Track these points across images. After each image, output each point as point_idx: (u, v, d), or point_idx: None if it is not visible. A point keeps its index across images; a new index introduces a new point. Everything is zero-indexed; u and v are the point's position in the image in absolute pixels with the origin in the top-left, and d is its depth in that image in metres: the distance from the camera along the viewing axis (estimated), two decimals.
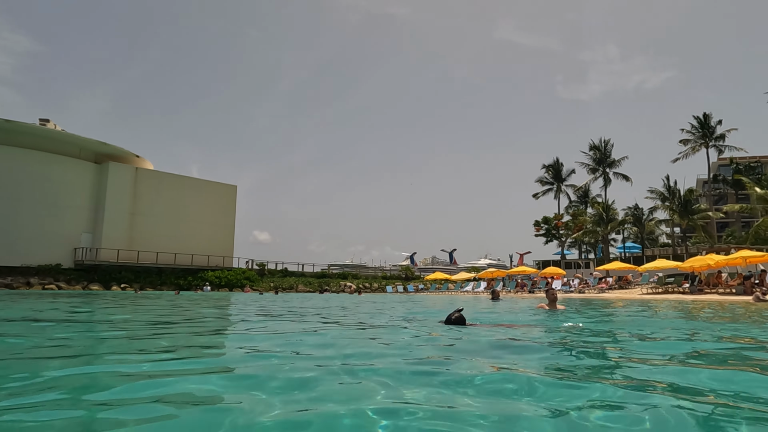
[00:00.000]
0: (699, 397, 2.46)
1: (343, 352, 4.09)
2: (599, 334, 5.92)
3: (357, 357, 3.82)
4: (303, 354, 4.01)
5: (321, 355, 3.94)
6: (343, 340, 5.21)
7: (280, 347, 4.45)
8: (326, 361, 3.55)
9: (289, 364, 3.50)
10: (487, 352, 4.22)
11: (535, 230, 54.22)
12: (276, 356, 3.87)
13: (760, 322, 8.75)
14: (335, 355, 3.88)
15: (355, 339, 5.42)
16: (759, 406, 2.30)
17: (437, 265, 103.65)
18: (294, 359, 3.75)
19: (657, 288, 30.28)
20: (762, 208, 38.33)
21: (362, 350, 4.32)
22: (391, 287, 47.58)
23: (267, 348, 4.46)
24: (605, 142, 53.73)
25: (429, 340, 5.22)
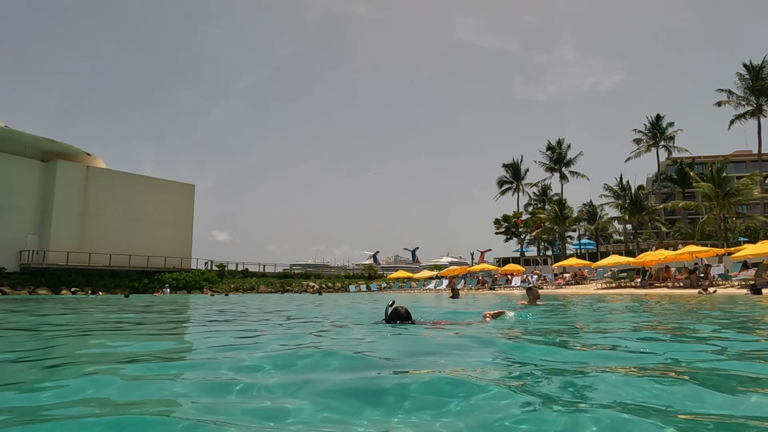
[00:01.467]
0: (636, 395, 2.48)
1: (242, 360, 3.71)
2: (543, 330, 6.02)
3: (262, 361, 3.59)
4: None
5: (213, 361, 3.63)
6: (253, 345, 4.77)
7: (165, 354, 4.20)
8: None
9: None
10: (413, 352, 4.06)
11: (495, 228, 55.29)
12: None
13: (699, 313, 9.17)
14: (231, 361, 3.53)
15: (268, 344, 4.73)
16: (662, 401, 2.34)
17: (400, 264, 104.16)
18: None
19: (611, 283, 31.42)
20: (706, 204, 40.38)
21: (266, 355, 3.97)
22: (354, 286, 47.47)
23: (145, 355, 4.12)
24: (560, 142, 55.34)
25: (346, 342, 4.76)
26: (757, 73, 42.67)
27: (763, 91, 42.35)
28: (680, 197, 58.01)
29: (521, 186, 58.67)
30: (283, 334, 6.00)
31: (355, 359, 3.52)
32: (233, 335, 5.81)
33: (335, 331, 5.81)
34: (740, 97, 43.54)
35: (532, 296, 10.99)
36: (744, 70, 43.59)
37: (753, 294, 18.42)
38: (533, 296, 10.99)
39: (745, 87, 43.49)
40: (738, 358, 3.62)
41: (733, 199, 37.06)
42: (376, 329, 5.68)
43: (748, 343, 4.81)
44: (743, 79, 43.57)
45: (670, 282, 27.52)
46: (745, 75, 43.38)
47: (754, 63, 43.17)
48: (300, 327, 6.85)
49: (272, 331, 6.24)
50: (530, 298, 11.00)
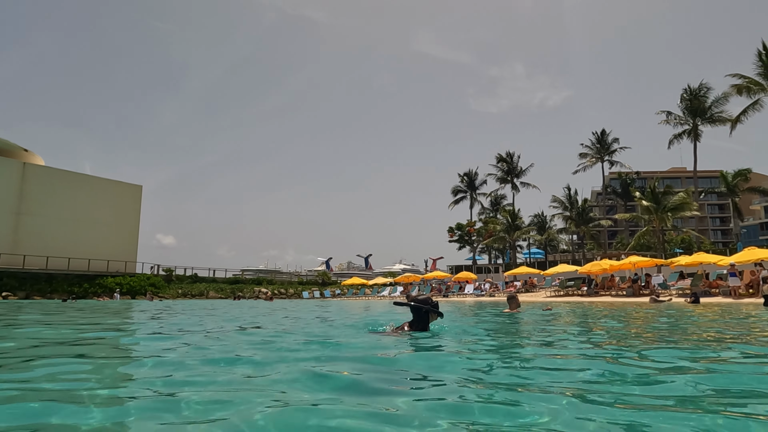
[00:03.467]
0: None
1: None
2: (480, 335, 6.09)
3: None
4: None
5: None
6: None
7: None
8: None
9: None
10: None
11: (449, 236, 56.13)
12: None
13: (646, 320, 9.61)
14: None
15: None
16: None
17: (353, 270, 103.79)
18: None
19: (559, 291, 32.49)
20: (646, 217, 42.62)
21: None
22: (307, 293, 46.86)
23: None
24: (512, 154, 57.06)
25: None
26: (695, 96, 45.57)
27: (699, 113, 45.27)
28: (623, 210, 60.96)
29: (475, 195, 59.96)
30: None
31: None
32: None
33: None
34: (679, 117, 46.35)
35: (514, 304, 11.31)
36: (683, 92, 46.49)
37: (692, 303, 19.51)
38: (515, 304, 11.31)
39: (683, 108, 46.34)
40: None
41: (671, 213, 39.29)
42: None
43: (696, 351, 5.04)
44: (683, 100, 46.43)
45: (614, 290, 28.78)
46: (685, 96, 46.24)
47: (692, 86, 46.11)
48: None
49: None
50: (512, 306, 11.31)
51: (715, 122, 44.68)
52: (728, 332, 6.96)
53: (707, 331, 7.10)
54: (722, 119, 43.80)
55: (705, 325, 8.30)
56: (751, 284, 21.76)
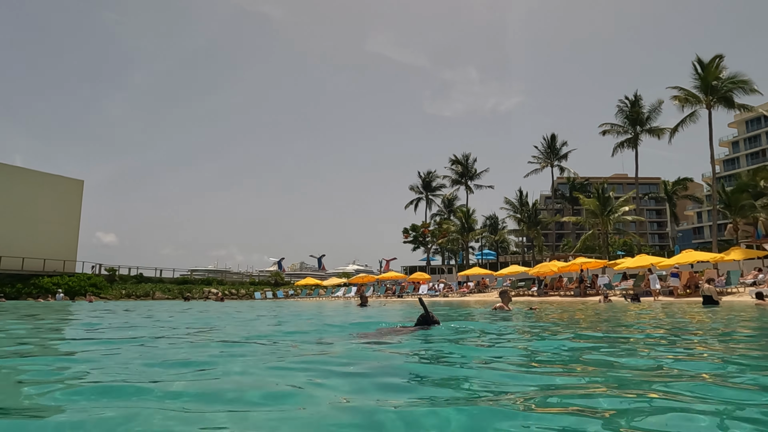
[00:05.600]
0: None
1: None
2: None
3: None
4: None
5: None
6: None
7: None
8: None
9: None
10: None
11: (403, 237, 56.51)
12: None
13: (598, 319, 9.97)
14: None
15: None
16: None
17: (306, 271, 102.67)
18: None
19: (510, 291, 33.31)
20: (591, 221, 44.48)
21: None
22: (259, 293, 45.88)
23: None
24: (467, 157, 58.13)
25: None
26: (633, 105, 47.98)
27: (638, 122, 47.71)
28: (570, 213, 63.34)
29: (430, 197, 60.65)
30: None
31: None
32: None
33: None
34: (621, 126, 48.63)
35: (506, 299, 11.43)
36: (623, 102, 48.79)
37: (632, 302, 20.47)
38: (507, 299, 11.46)
39: (624, 117, 48.67)
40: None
41: (614, 217, 41.16)
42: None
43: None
44: (621, 111, 48.76)
45: (562, 291, 29.82)
46: (624, 107, 48.57)
47: (631, 96, 48.50)
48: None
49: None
50: (504, 301, 11.43)
51: (654, 132, 47.19)
52: (657, 326, 7.30)
53: (637, 326, 7.42)
54: (659, 130, 46.32)
55: (641, 320, 8.70)
56: (688, 285, 23.08)
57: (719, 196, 40.62)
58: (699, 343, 5.37)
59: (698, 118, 39.53)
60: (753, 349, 4.93)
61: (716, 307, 15.24)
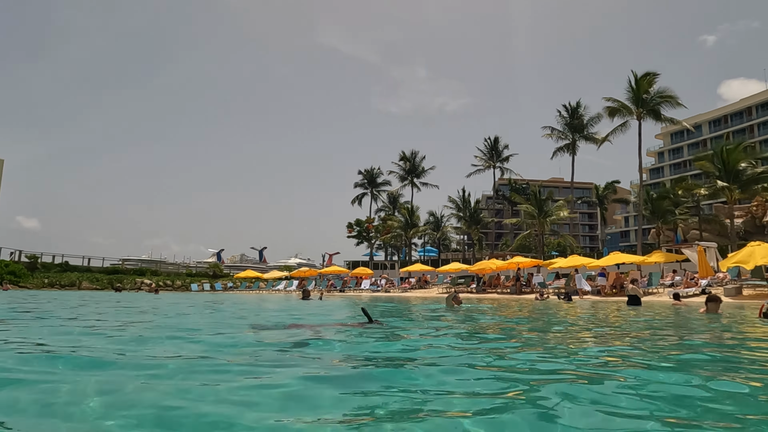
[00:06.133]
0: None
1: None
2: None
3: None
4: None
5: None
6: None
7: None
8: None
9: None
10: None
11: (347, 231, 56.42)
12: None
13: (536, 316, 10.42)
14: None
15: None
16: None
17: (247, 263, 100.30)
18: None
19: (450, 288, 34.10)
20: (529, 222, 46.35)
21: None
22: (196, 285, 44.37)
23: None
24: (415, 154, 58.81)
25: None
26: (573, 113, 50.33)
27: (576, 128, 50.10)
28: (509, 214, 65.55)
29: (375, 192, 60.88)
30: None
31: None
32: None
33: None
34: (561, 131, 50.88)
35: (456, 300, 12.27)
36: (563, 109, 51.11)
37: (565, 300, 21.50)
38: (457, 301, 12.29)
39: (564, 123, 50.95)
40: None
41: (550, 219, 43.06)
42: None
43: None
44: (562, 117, 51.03)
45: (499, 288, 30.86)
46: (564, 114, 50.86)
47: (572, 104, 50.86)
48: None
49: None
50: (456, 301, 12.19)
51: (591, 139, 49.69)
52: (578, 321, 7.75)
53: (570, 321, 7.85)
54: (596, 137, 48.80)
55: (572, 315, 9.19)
56: (615, 285, 24.52)
57: (645, 202, 43.41)
58: (614, 336, 5.74)
59: (629, 128, 42.04)
60: (658, 341, 5.32)
61: (639, 306, 16.28)
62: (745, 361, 4.25)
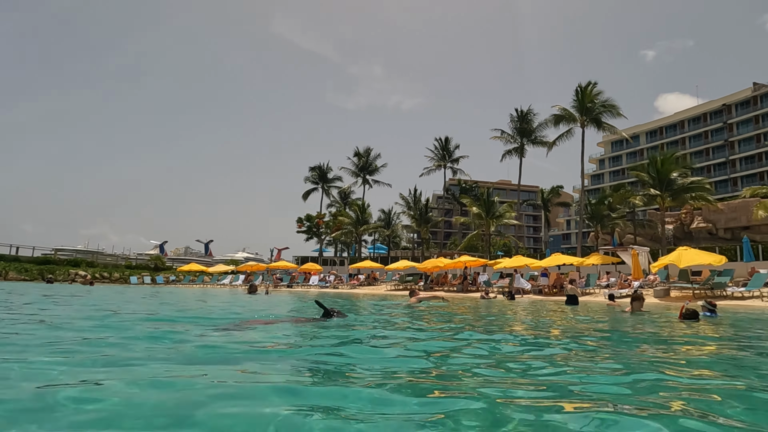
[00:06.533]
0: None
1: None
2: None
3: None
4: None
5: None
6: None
7: None
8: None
9: None
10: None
11: (297, 226, 55.77)
12: None
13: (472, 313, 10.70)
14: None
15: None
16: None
17: (192, 257, 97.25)
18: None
19: (398, 285, 34.41)
20: (476, 222, 47.43)
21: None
22: (136, 278, 42.57)
23: None
24: (368, 151, 58.82)
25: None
26: (523, 118, 51.89)
27: (525, 133, 51.70)
28: (458, 214, 66.81)
29: (326, 187, 60.45)
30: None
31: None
32: None
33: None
34: (510, 135, 52.33)
35: (415, 299, 13.29)
36: (513, 114, 52.62)
37: (508, 298, 22.18)
38: (416, 299, 13.28)
39: (513, 128, 52.44)
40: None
41: (497, 220, 44.27)
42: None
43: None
44: (513, 120, 52.51)
45: (446, 286, 31.42)
46: (516, 118, 52.35)
47: (522, 109, 52.43)
48: None
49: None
50: (412, 299, 13.21)
51: (538, 144, 51.41)
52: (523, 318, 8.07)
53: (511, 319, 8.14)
54: (543, 142, 50.52)
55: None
56: (555, 285, 25.52)
57: (585, 207, 45.42)
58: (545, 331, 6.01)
59: (573, 135, 43.83)
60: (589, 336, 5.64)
61: (576, 305, 17.04)
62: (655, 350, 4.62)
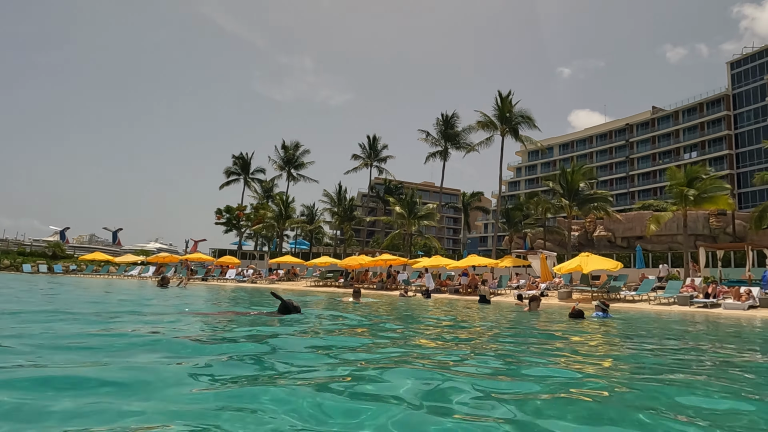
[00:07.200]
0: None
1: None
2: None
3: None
4: None
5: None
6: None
7: None
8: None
9: None
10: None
11: (216, 218, 53.67)
12: None
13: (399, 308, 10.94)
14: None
15: None
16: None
17: (97, 245, 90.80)
18: None
19: (318, 281, 34.23)
20: (399, 222, 48.28)
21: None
22: (30, 266, 38.99)
23: None
24: (296, 145, 57.85)
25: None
26: (448, 122, 53.50)
27: (449, 137, 53.37)
28: (382, 213, 67.61)
29: (249, 179, 58.70)
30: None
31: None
32: None
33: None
34: (435, 138, 53.77)
35: (358, 295, 14.07)
36: (441, 117, 54.10)
37: (425, 297, 22.82)
38: (356, 296, 14.02)
39: (438, 131, 53.92)
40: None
41: (419, 221, 45.33)
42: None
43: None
44: (438, 124, 53.98)
45: (366, 284, 31.69)
46: (441, 122, 53.86)
47: (448, 113, 54.03)
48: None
49: None
50: (356, 297, 13.87)
51: (461, 148, 53.24)
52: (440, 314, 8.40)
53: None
54: (466, 146, 52.39)
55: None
56: (470, 285, 26.61)
57: (502, 212, 47.73)
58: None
59: (493, 143, 45.89)
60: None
61: (488, 305, 17.89)
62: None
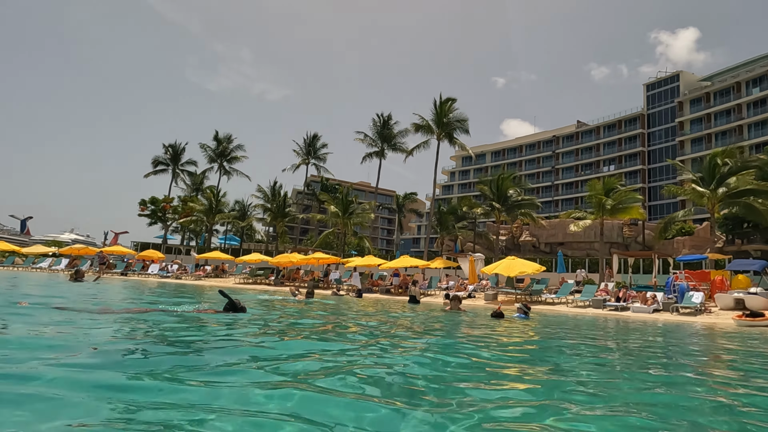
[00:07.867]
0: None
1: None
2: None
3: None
4: None
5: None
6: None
7: None
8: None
9: None
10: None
11: (140, 209, 50.88)
12: None
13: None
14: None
15: None
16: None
17: (2, 234, 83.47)
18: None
19: (248, 278, 33.34)
20: (334, 221, 48.09)
21: None
22: None
23: None
24: (230, 138, 56.03)
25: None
26: (385, 123, 53.96)
27: (386, 138, 53.85)
28: (317, 211, 67.03)
29: (177, 170, 56.15)
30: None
31: None
32: None
33: None
34: (372, 139, 54.02)
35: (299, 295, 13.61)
36: (377, 118, 54.46)
37: (356, 297, 22.87)
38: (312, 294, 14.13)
39: (375, 132, 54.23)
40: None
41: (353, 220, 45.39)
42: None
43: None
44: (375, 125, 54.31)
45: (297, 282, 31.26)
46: (378, 123, 54.21)
47: (385, 115, 54.46)
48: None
49: None
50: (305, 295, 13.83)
51: (397, 150, 53.84)
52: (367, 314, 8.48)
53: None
54: (403, 149, 53.08)
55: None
56: (401, 285, 26.99)
57: (434, 214, 48.80)
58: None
59: (429, 146, 46.84)
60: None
61: (417, 305, 18.23)
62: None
